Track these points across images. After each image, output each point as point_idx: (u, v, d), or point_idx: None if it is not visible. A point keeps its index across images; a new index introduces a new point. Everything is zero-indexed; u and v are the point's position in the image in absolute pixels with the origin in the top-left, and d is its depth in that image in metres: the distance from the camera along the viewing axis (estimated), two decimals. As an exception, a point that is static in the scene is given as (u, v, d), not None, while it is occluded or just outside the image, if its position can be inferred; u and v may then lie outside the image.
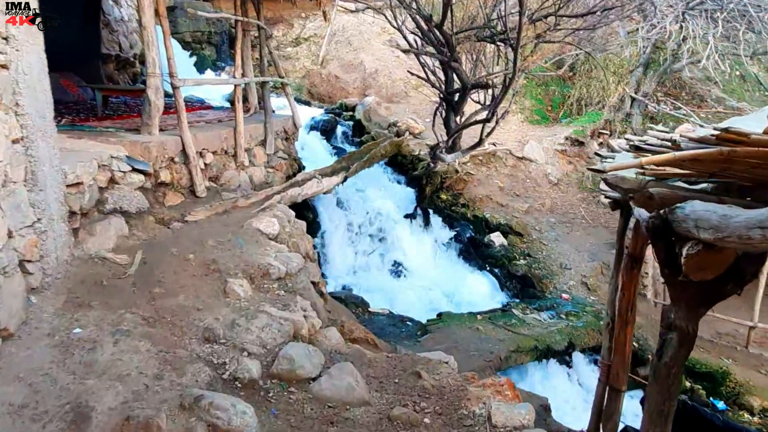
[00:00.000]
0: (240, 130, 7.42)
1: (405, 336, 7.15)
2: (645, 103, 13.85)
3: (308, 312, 4.53)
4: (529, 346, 6.99)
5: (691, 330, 2.08)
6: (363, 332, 5.60)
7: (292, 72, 17.58)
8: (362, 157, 9.91)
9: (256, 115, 9.18)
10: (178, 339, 3.77)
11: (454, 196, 11.58)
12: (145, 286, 4.30)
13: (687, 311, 2.07)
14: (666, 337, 2.22)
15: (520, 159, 13.42)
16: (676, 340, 2.11)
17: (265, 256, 5.08)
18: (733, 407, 8.39)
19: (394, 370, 4.24)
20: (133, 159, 5.57)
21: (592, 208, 12.55)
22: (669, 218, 1.99)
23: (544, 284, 9.56)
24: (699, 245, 1.87)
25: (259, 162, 8.37)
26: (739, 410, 8.33)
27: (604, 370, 5.44)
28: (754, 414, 8.24)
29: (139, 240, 5.13)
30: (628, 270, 5.12)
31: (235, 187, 7.45)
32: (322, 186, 8.18)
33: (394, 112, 14.42)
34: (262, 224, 5.59)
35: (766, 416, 8.12)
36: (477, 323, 7.43)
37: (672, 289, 2.24)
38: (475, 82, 7.77)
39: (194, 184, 6.35)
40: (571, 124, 14.54)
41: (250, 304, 4.39)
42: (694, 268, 1.87)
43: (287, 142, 9.38)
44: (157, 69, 6.05)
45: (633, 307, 5.20)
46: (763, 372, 8.86)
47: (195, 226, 5.75)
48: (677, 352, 2.08)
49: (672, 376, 2.15)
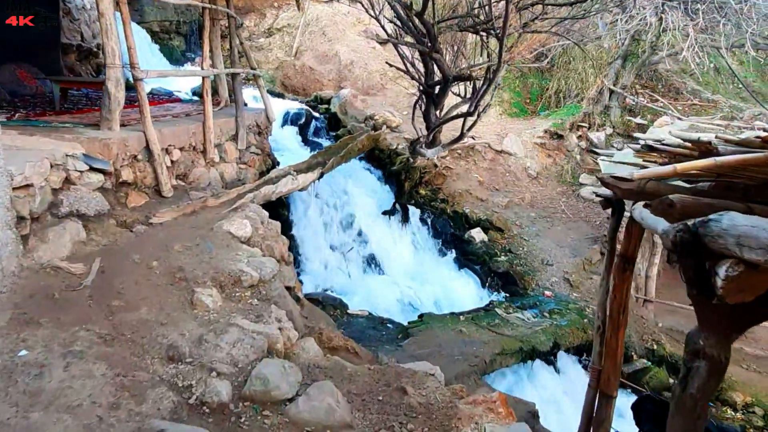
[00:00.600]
0: (209, 124, 7.00)
1: (386, 340, 6.85)
2: (623, 96, 13.75)
3: (283, 323, 4.20)
4: (514, 348, 6.76)
5: (723, 358, 1.83)
6: (342, 340, 5.28)
7: (264, 63, 17.07)
8: (339, 151, 9.55)
9: (226, 109, 8.75)
10: (138, 359, 3.40)
11: (433, 192, 11.31)
12: (102, 298, 3.90)
13: (718, 337, 1.82)
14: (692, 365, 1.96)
15: (499, 152, 13.21)
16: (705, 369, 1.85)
17: (237, 261, 4.72)
18: (716, 403, 8.32)
19: (378, 384, 3.93)
20: (91, 157, 5.14)
21: (572, 202, 12.41)
22: (700, 232, 1.71)
23: (526, 281, 9.36)
24: (739, 265, 1.59)
25: (231, 158, 7.96)
26: (723, 406, 8.28)
27: (594, 375, 5.22)
28: (737, 410, 8.18)
29: (98, 246, 4.72)
30: (620, 271, 4.90)
31: (204, 186, 7.04)
32: (297, 183, 7.81)
33: (371, 104, 14.06)
34: (233, 226, 5.21)
35: (749, 412, 8.07)
36: (460, 325, 7.18)
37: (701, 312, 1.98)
38: (457, 74, 7.48)
39: (159, 183, 5.93)
40: (550, 117, 14.38)
41: (219, 317, 4.03)
42: (734, 291, 1.60)
43: (260, 136, 8.96)
44: (117, 59, 5.60)
45: (625, 309, 4.98)
46: (745, 366, 8.83)
47: (160, 228, 5.35)
48: (706, 383, 1.83)
49: (699, 409, 1.90)
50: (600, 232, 10.87)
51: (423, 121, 9.40)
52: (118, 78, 5.61)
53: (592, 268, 9.91)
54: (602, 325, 5.13)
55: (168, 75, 6.25)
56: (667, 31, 12.11)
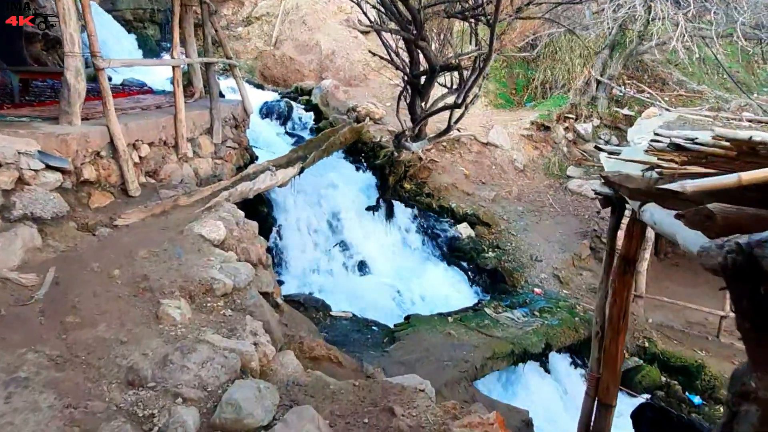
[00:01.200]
0: (181, 117, 6.56)
1: (371, 344, 6.52)
2: (611, 86, 13.51)
3: (259, 336, 3.83)
4: (505, 351, 6.47)
5: (780, 404, 1.52)
6: (325, 349, 4.93)
7: (243, 53, 16.55)
8: (320, 145, 9.15)
9: (201, 101, 8.30)
10: (93, 385, 3.02)
11: (418, 186, 10.96)
12: (55, 314, 3.50)
13: (774, 378, 1.52)
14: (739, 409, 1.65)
15: (485, 145, 12.91)
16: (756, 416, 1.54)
17: (209, 268, 4.33)
18: (709, 402, 8.15)
19: (363, 404, 3.59)
20: (48, 154, 4.69)
21: (560, 196, 12.16)
22: (757, 254, 1.38)
23: (515, 278, 9.09)
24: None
25: (206, 153, 7.53)
26: (715, 404, 8.10)
27: (592, 384, 4.95)
28: (730, 408, 8.00)
29: (56, 252, 4.30)
30: (620, 274, 4.61)
31: (176, 183, 6.61)
32: (276, 179, 7.40)
33: (353, 96, 13.65)
34: (205, 229, 4.82)
35: (742, 410, 7.90)
36: (448, 326, 6.86)
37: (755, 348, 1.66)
38: (444, 64, 7.11)
39: (126, 181, 5.50)
40: (536, 108, 14.10)
41: (188, 331, 3.64)
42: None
43: (237, 129, 8.52)
44: (77, 47, 5.15)
45: (626, 314, 4.71)
46: (736, 363, 8.63)
47: (126, 231, 4.93)
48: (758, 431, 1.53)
49: (747, 461, 1.60)
50: (589, 226, 10.63)
51: (408, 113, 9.02)
52: (77, 68, 5.16)
53: (581, 264, 9.67)
54: (601, 330, 4.85)
55: (133, 64, 5.79)
56: (656, 20, 11.85)
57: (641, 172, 3.35)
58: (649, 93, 13.88)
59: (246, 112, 8.74)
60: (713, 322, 9.20)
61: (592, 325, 4.98)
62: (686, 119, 11.76)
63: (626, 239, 4.42)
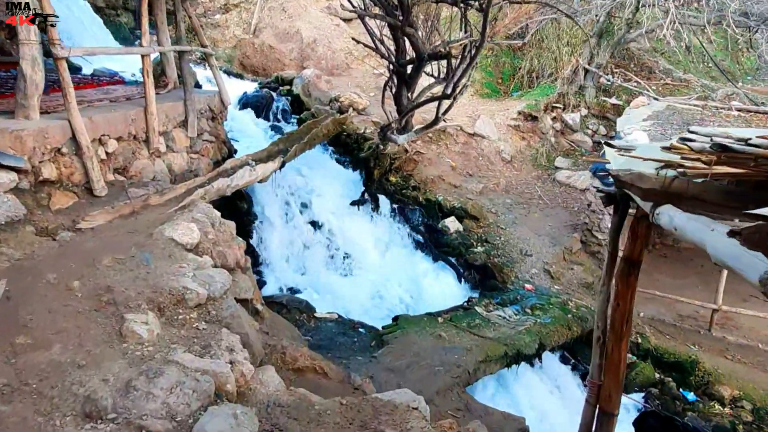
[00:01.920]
0: (151, 109, 6.13)
1: (358, 348, 6.19)
2: (598, 75, 13.26)
3: (236, 353, 3.47)
4: (498, 353, 6.19)
5: None
6: (309, 359, 4.59)
7: (221, 42, 16.02)
8: (302, 137, 8.75)
9: (175, 92, 7.84)
10: (44, 419, 2.65)
11: (404, 178, 10.62)
12: (4, 334, 3.11)
13: None
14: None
15: (472, 135, 12.61)
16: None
17: (180, 276, 3.95)
18: (703, 398, 7.98)
19: (351, 426, 3.26)
20: (0, 152, 4.27)
21: (548, 187, 11.92)
22: None
23: (505, 274, 8.82)
24: None
25: (180, 147, 7.10)
26: (710, 401, 7.94)
27: (593, 391, 4.68)
28: (725, 404, 7.85)
29: (10, 261, 3.88)
30: (624, 276, 4.33)
31: (148, 180, 6.19)
32: (256, 174, 7.01)
33: (336, 85, 13.24)
34: (178, 232, 4.43)
35: (737, 406, 7.74)
36: (438, 328, 6.56)
37: None
38: (433, 52, 6.74)
39: (90, 179, 5.07)
40: (523, 98, 13.81)
41: (156, 350, 3.28)
42: None
43: (214, 122, 8.09)
44: (33, 35, 4.71)
45: (629, 319, 4.43)
46: (730, 357, 8.51)
47: (90, 235, 4.53)
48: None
49: None
50: (579, 219, 10.40)
51: (394, 104, 8.65)
52: (34, 57, 4.72)
53: (572, 258, 9.44)
54: (602, 335, 4.58)
55: (96, 53, 5.34)
56: (646, 7, 11.60)
57: (655, 171, 3.05)
58: (637, 82, 13.67)
59: (223, 104, 8.30)
60: (704, 315, 9.06)
61: (593, 329, 4.69)
62: (675, 109, 11.56)
63: (630, 239, 4.13)
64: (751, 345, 8.65)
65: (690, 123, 10.50)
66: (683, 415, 7.61)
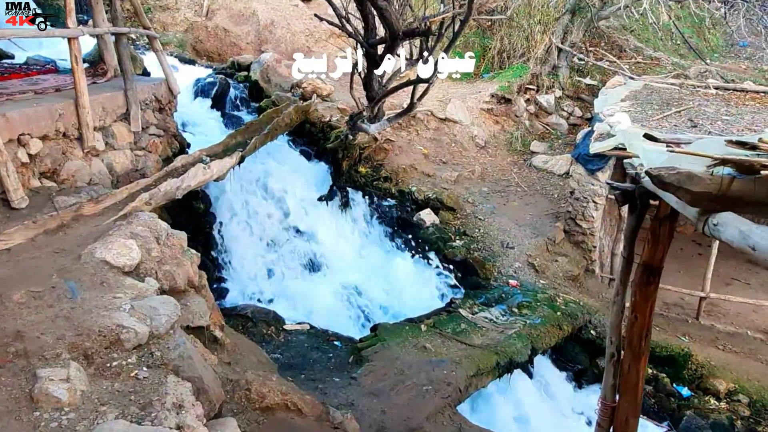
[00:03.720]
0: (83, 101, 5.25)
1: (335, 366, 5.51)
2: (572, 54, 12.74)
3: (186, 411, 2.74)
4: (489, 364, 5.60)
5: None
6: (279, 394, 3.88)
7: (172, 25, 14.90)
8: (262, 128, 7.94)
9: (116, 81, 6.92)
10: None
11: (374, 169, 9.90)
12: None
13: None
14: None
15: (443, 120, 11.97)
16: None
17: (114, 309, 3.18)
18: (697, 393, 7.61)
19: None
20: None
21: (525, 173, 11.40)
22: None
23: (487, 269, 8.24)
24: None
25: (122, 143, 6.23)
26: (705, 395, 7.57)
27: (605, 413, 4.12)
28: (721, 399, 7.48)
29: None
30: (642, 285, 3.75)
31: (84, 184, 5.34)
32: (210, 172, 6.19)
33: (298, 70, 12.36)
34: (112, 252, 3.63)
35: (733, 400, 7.39)
36: (422, 337, 5.93)
37: None
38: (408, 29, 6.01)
39: (6, 189, 4.21)
40: (495, 80, 13.19)
41: (78, 418, 2.52)
42: None
43: (162, 113, 7.20)
44: None
45: (648, 334, 3.86)
46: (720, 347, 8.16)
47: (5, 259, 3.70)
48: None
49: None
50: (560, 206, 9.91)
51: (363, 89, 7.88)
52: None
53: (556, 249, 8.92)
54: (616, 352, 4.01)
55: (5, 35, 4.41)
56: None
57: (707, 169, 2.43)
58: (610, 60, 13.21)
59: (172, 92, 7.41)
60: (691, 302, 8.72)
61: (606, 345, 4.12)
62: (653, 88, 11.14)
63: (651, 244, 3.55)
64: (740, 332, 8.33)
65: (669, 103, 10.11)
66: (681, 414, 7.24)
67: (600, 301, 8.43)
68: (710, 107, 9.74)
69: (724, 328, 8.45)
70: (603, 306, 8.32)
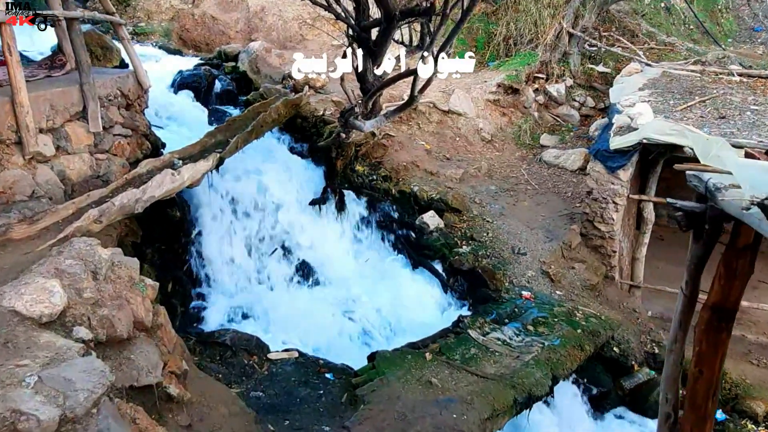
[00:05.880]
0: (20, 99, 4.41)
1: (325, 407, 4.70)
2: (584, 40, 11.85)
3: None
4: (506, 402, 4.79)
5: None
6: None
7: (156, 13, 14.08)
8: (246, 125, 7.10)
9: (75, 74, 6.08)
10: None
11: (372, 167, 9.03)
12: None
13: None
14: None
15: (446, 113, 11.10)
16: None
17: (13, 385, 2.35)
18: (732, 415, 6.83)
19: None
20: None
21: (535, 169, 10.54)
22: None
23: (497, 279, 7.41)
24: None
25: (78, 146, 5.40)
26: (741, 418, 6.79)
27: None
28: (759, 423, 6.71)
29: None
30: (710, 331, 2.93)
31: (26, 197, 4.52)
32: (181, 179, 5.36)
33: (289, 60, 11.43)
34: (25, 297, 2.80)
35: (774, 425, 6.63)
36: (427, 369, 5.11)
37: None
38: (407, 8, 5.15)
39: None
40: (501, 69, 12.28)
41: None
42: None
43: (129, 110, 6.36)
44: None
45: (716, 392, 3.04)
46: (755, 362, 7.37)
47: None
48: None
49: None
50: (574, 206, 9.07)
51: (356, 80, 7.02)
52: None
53: (572, 255, 8.08)
54: (673, 412, 3.21)
55: None
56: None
57: None
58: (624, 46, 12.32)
59: (141, 86, 6.56)
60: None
61: (660, 403, 3.30)
62: (672, 75, 10.28)
63: (724, 279, 2.73)
64: (774, 344, 7.54)
65: (691, 91, 9.24)
66: (716, 443, 6.47)
67: (622, 313, 7.62)
68: (736, 96, 8.88)
69: (756, 338, 7.66)
70: (626, 318, 7.52)
